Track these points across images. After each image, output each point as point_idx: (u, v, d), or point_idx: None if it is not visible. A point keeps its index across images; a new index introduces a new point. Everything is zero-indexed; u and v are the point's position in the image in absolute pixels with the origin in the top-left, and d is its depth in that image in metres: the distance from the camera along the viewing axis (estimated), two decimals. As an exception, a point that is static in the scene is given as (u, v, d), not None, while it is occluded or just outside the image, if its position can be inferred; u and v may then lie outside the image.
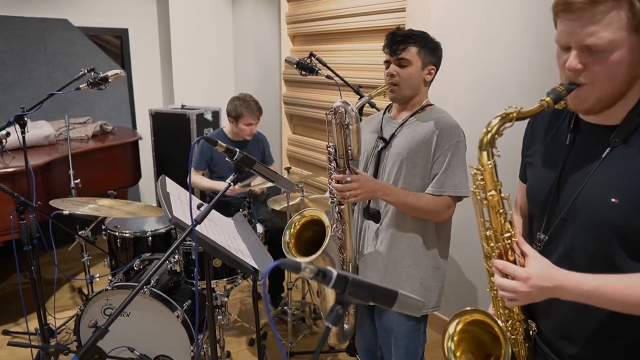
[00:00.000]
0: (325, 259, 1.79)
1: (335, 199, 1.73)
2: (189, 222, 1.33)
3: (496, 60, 2.46)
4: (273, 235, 3.07)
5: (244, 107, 3.10)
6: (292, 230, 1.86)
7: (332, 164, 1.71)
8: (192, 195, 1.81)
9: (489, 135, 0.98)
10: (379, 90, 1.76)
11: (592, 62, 0.95)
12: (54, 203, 2.46)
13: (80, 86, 2.55)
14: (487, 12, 2.47)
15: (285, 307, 2.80)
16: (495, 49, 2.46)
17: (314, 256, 1.75)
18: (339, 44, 3.55)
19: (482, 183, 1.01)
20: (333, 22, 3.50)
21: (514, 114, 0.97)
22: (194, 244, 1.59)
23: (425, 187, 1.75)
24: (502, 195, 1.02)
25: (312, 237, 1.90)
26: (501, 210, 1.02)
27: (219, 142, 1.28)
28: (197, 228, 1.40)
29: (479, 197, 1.03)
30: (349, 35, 3.45)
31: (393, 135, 1.80)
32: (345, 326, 2.01)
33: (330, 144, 1.70)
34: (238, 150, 1.31)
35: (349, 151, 1.68)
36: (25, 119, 2.52)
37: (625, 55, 0.93)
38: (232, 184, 1.33)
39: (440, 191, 1.72)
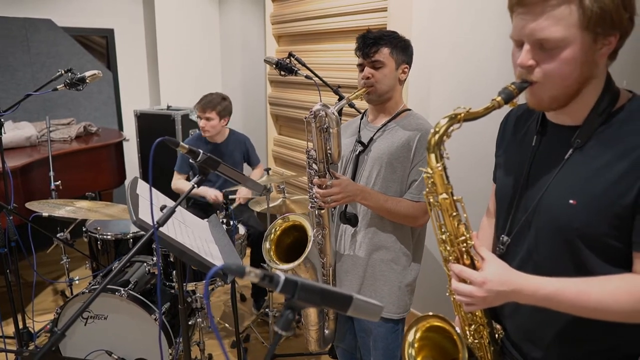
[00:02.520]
0: (307, 265, 1.78)
1: (315, 203, 1.73)
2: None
3: (482, 61, 2.44)
4: (256, 239, 3.05)
5: (198, 102, 3.11)
6: (273, 236, 1.85)
7: (312, 169, 1.72)
8: (167, 198, 1.80)
9: (437, 137, 0.96)
10: (356, 94, 1.76)
11: (543, 59, 0.94)
12: (30, 205, 2.43)
13: (58, 87, 2.52)
14: (472, 12, 2.45)
15: (267, 309, 2.78)
16: (481, 50, 2.44)
17: (295, 263, 1.74)
18: (323, 44, 3.53)
19: (433, 187, 1.00)
20: (317, 22, 3.48)
21: (462, 115, 0.96)
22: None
23: (402, 192, 1.76)
24: (455, 198, 1.00)
25: (292, 242, 1.88)
26: (455, 214, 1.00)
27: (181, 143, 1.26)
28: (164, 230, 1.37)
29: (431, 201, 1.02)
30: (332, 35, 3.43)
31: (372, 140, 1.80)
32: (326, 331, 2.00)
33: (310, 147, 1.70)
34: (201, 151, 1.29)
35: (329, 155, 1.69)
36: (2, 120, 2.49)
37: (577, 53, 0.92)
38: (196, 185, 1.30)
39: (418, 197, 1.73)
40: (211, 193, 3.02)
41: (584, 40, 0.91)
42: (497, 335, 1.17)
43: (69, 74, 2.54)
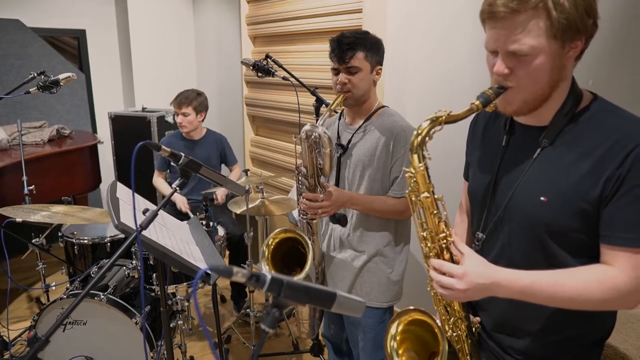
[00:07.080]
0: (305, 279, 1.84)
1: (307, 215, 1.80)
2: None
3: (456, 62, 2.48)
4: (235, 241, 3.06)
5: (174, 98, 3.12)
6: (270, 245, 1.90)
7: (304, 185, 1.77)
8: (147, 201, 1.80)
9: (419, 138, 1.01)
10: (336, 102, 1.78)
11: (517, 66, 0.99)
12: (3, 211, 2.38)
13: (30, 90, 2.47)
14: (447, 13, 2.48)
15: (248, 310, 2.79)
16: (455, 51, 2.48)
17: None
18: (299, 45, 3.55)
19: (415, 185, 1.04)
20: (292, 23, 3.49)
21: (443, 117, 1.00)
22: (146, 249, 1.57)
23: (385, 189, 1.82)
24: (436, 196, 1.04)
25: (287, 250, 1.93)
26: (435, 212, 1.04)
27: (163, 147, 1.26)
28: (146, 233, 1.38)
29: (413, 199, 1.06)
30: (308, 36, 3.45)
31: (350, 142, 1.85)
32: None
33: (299, 163, 1.75)
34: (183, 154, 1.30)
35: (319, 170, 1.74)
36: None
37: (548, 60, 0.97)
38: (178, 188, 1.31)
39: (401, 193, 1.79)
40: (180, 202, 3.02)
41: (553, 48, 0.97)
42: (474, 328, 1.22)
43: (42, 76, 2.49)
